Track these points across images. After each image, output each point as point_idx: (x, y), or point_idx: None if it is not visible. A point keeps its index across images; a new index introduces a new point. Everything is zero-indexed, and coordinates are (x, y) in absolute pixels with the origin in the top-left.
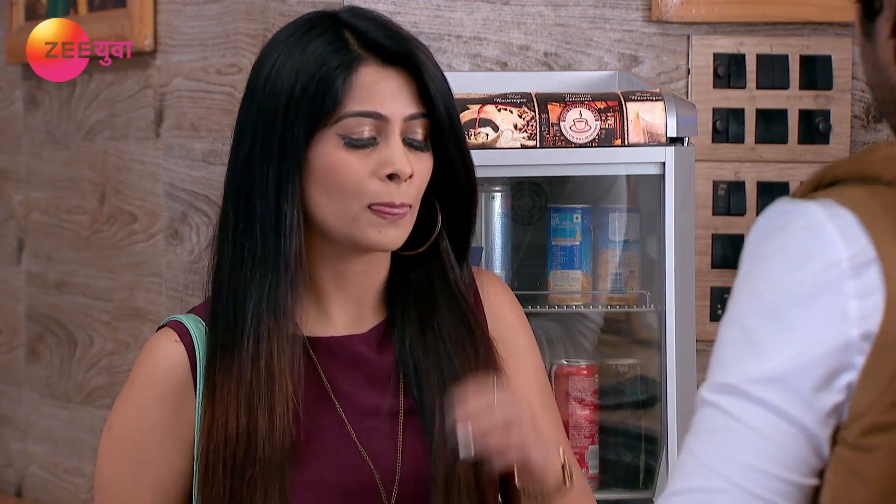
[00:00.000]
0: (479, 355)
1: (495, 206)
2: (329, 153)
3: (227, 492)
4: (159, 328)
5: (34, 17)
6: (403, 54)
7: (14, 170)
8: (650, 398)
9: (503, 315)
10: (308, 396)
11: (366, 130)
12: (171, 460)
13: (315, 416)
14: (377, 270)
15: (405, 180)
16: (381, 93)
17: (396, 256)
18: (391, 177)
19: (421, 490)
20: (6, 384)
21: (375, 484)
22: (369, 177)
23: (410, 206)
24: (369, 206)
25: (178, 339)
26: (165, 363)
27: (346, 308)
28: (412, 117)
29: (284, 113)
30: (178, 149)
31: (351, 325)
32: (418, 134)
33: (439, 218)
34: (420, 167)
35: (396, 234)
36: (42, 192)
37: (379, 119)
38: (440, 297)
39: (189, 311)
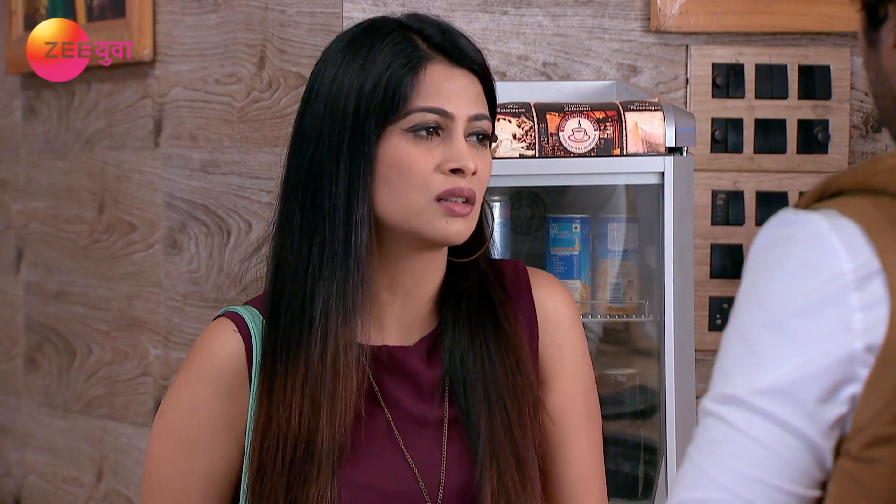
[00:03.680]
0: (521, 369)
1: (494, 216)
2: (395, 147)
3: (281, 491)
4: (215, 318)
5: (33, 26)
6: (471, 57)
7: (13, 179)
8: (649, 408)
9: (554, 310)
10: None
11: (431, 123)
12: (222, 450)
13: (365, 421)
14: (431, 278)
15: (469, 176)
16: (447, 90)
17: (448, 265)
18: (455, 171)
19: (464, 497)
20: (5, 394)
21: (420, 490)
22: (434, 171)
23: (474, 204)
24: (437, 200)
25: (236, 329)
26: (222, 352)
27: (398, 315)
28: (476, 118)
29: (355, 111)
30: (177, 158)
31: (401, 335)
32: (482, 131)
33: (492, 222)
34: (482, 165)
35: (462, 227)
36: (41, 201)
37: (444, 116)
38: (489, 307)
39: (245, 304)
